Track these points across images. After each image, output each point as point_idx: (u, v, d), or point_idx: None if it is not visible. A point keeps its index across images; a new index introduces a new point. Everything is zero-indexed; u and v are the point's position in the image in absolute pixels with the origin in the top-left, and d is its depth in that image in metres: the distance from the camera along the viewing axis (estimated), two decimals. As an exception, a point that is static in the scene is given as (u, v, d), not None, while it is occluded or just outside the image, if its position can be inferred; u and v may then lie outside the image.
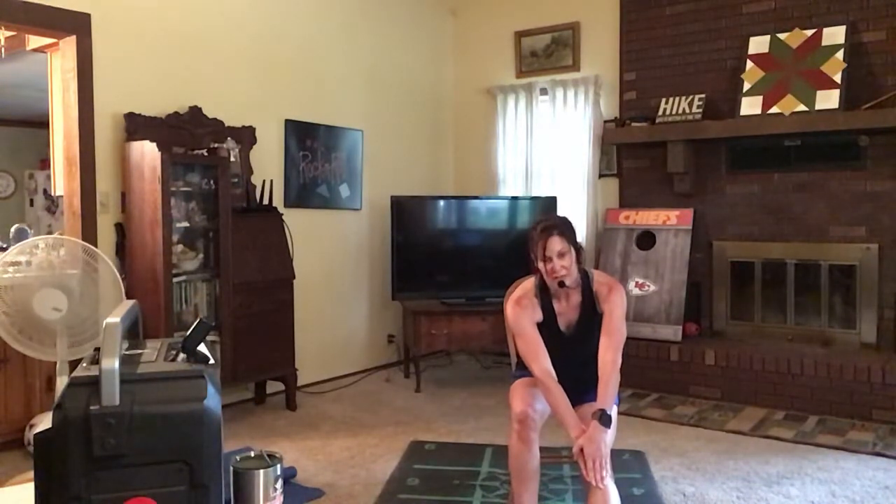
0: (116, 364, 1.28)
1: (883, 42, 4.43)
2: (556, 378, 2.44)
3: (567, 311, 2.61)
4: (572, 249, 2.53)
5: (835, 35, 4.51)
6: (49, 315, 2.97)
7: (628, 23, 5.33)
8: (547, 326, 2.57)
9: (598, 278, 2.62)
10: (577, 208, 5.46)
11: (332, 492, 3.17)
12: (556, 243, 2.50)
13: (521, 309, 2.57)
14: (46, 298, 2.96)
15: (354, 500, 3.09)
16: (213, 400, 1.34)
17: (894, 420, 4.02)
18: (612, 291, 2.56)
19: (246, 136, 4.50)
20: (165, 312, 3.73)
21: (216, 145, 4.15)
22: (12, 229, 4.95)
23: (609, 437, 2.34)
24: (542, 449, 2.52)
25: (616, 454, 2.93)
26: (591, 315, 2.58)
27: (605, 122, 5.41)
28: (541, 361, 2.47)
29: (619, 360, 2.47)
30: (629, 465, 3.42)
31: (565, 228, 2.56)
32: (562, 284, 2.55)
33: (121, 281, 3.19)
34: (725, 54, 4.94)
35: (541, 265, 2.54)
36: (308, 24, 4.98)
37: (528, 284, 2.66)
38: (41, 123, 6.28)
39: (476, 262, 5.26)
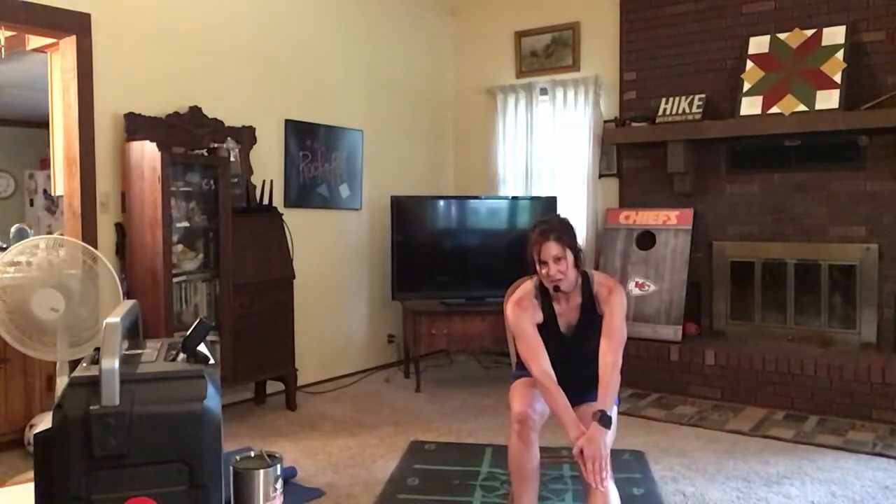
0: (116, 364, 1.28)
1: (883, 42, 4.44)
2: (555, 379, 2.43)
3: (567, 312, 2.61)
4: (569, 253, 2.51)
5: (835, 35, 4.51)
6: (46, 315, 2.96)
7: (628, 23, 5.33)
8: (547, 327, 2.57)
9: (599, 279, 2.61)
10: (577, 208, 5.46)
11: (332, 492, 3.17)
12: (551, 248, 2.48)
13: (521, 310, 2.57)
14: (44, 299, 2.96)
15: (354, 500, 3.09)
16: (213, 400, 1.34)
17: (894, 420, 4.02)
18: (613, 293, 2.56)
19: (246, 136, 4.50)
20: (165, 312, 3.73)
21: (216, 145, 4.15)
22: (12, 229, 4.96)
23: (609, 437, 2.33)
24: (542, 449, 2.52)
25: (616, 454, 2.92)
26: (591, 316, 2.58)
27: (605, 122, 5.41)
28: (540, 363, 2.46)
29: (620, 362, 2.47)
30: (629, 465, 3.42)
31: (563, 232, 2.53)
32: (556, 289, 2.54)
33: (119, 285, 3.19)
34: (725, 54, 4.94)
35: (540, 269, 2.53)
36: (308, 24, 4.98)
37: (528, 285, 2.65)
38: (41, 123, 6.28)
39: (476, 262, 5.26)
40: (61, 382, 2.99)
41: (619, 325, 2.50)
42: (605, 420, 2.32)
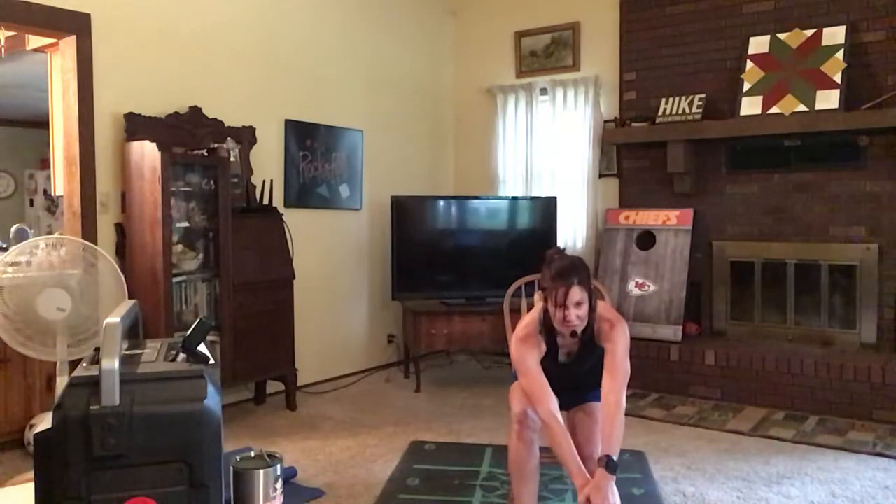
0: (116, 364, 1.28)
1: (883, 42, 4.44)
2: (561, 422, 2.39)
3: (568, 343, 2.56)
4: (588, 297, 2.44)
5: (835, 35, 4.51)
6: (53, 315, 2.96)
7: (628, 23, 5.33)
8: (548, 357, 2.53)
9: (602, 312, 2.54)
10: (577, 208, 5.46)
11: (332, 492, 3.17)
12: (575, 294, 2.39)
13: (526, 347, 2.50)
14: (51, 299, 2.96)
15: (354, 500, 3.09)
16: (213, 400, 1.34)
17: (894, 420, 4.02)
18: (615, 328, 2.49)
19: (246, 136, 4.50)
20: (165, 312, 3.73)
21: (216, 145, 4.14)
22: (12, 229, 4.96)
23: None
24: (542, 449, 2.52)
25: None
26: (591, 345, 2.54)
27: (605, 122, 5.41)
28: (546, 405, 2.39)
29: (624, 403, 2.39)
30: (629, 465, 3.42)
31: (585, 276, 2.43)
32: (574, 334, 2.49)
33: (123, 277, 3.19)
34: (725, 54, 4.94)
35: (557, 312, 2.42)
36: (308, 24, 4.98)
37: (532, 320, 2.57)
38: (41, 123, 6.28)
39: (476, 262, 5.26)
40: (61, 382, 2.99)
41: (622, 362, 2.44)
42: (611, 466, 2.26)
